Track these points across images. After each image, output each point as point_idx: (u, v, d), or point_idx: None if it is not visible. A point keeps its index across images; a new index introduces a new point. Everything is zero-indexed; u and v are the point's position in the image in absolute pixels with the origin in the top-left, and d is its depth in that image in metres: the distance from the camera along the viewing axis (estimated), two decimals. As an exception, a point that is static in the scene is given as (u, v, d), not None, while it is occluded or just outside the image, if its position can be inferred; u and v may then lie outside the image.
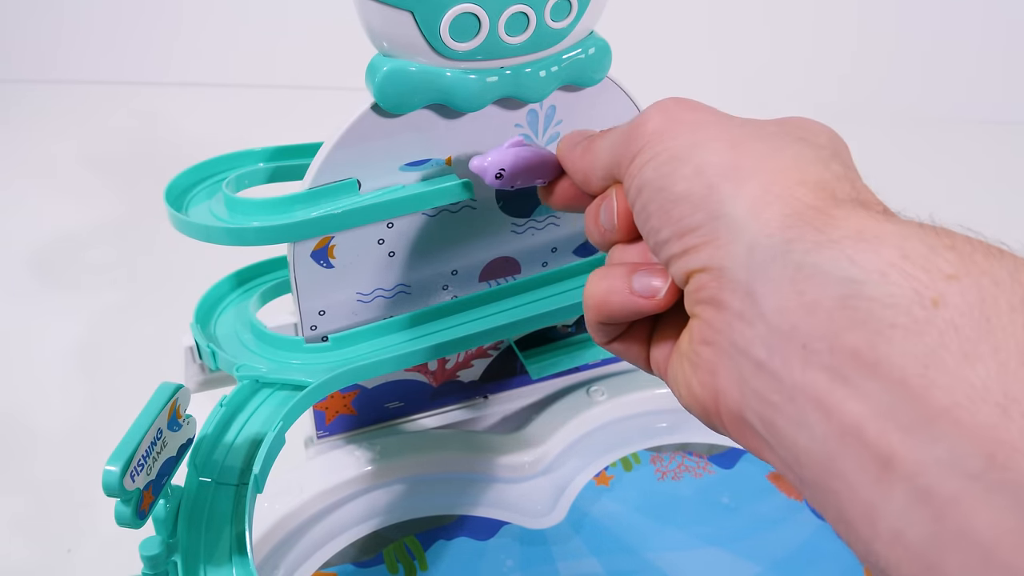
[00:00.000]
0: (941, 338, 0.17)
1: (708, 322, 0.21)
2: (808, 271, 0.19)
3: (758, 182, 0.21)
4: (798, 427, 0.19)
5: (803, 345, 0.18)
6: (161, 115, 0.95)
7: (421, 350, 0.38)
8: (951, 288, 0.17)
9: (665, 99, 0.25)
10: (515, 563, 0.40)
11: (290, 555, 0.40)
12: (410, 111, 0.33)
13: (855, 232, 0.19)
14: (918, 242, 0.18)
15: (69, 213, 0.77)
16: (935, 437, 0.16)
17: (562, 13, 0.32)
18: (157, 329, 0.52)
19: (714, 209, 0.21)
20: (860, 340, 0.17)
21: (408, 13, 0.30)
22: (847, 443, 0.17)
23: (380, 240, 0.37)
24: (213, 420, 0.34)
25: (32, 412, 0.55)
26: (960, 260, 0.17)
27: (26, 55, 1.02)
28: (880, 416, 0.17)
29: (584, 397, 0.47)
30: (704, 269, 0.21)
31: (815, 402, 0.18)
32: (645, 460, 0.46)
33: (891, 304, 0.17)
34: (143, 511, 0.28)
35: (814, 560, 0.40)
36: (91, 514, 0.47)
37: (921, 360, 0.17)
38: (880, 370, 0.17)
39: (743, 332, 0.20)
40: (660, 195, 0.23)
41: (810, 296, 0.18)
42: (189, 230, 0.35)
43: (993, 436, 0.15)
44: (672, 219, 0.22)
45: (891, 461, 0.17)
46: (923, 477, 0.16)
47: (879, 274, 0.18)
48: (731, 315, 0.20)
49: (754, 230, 0.20)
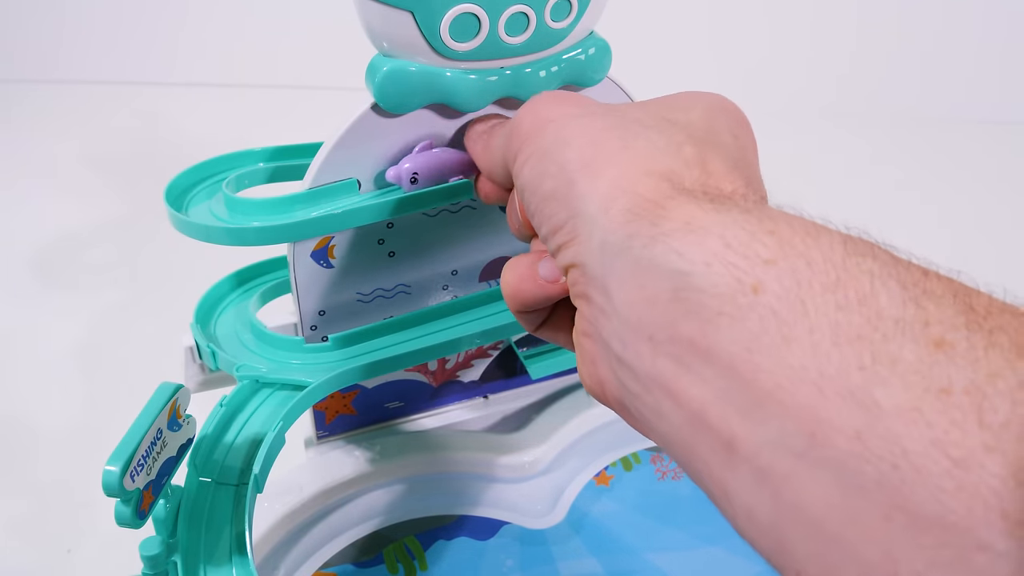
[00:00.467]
0: (762, 323, 0.17)
1: (583, 315, 0.22)
2: (645, 265, 0.19)
3: (608, 176, 0.22)
4: (657, 415, 0.20)
5: (649, 336, 0.19)
6: (162, 115, 0.95)
7: (421, 350, 0.38)
8: (769, 273, 0.18)
9: (537, 96, 0.26)
10: (515, 563, 0.40)
11: (290, 555, 0.40)
12: (410, 111, 0.33)
13: (683, 224, 0.19)
14: (739, 229, 0.19)
15: (70, 213, 0.77)
16: (764, 418, 0.17)
17: (562, 13, 0.32)
18: (157, 329, 0.52)
19: (574, 206, 0.22)
20: (694, 329, 0.18)
21: (408, 13, 0.30)
22: (697, 428, 0.18)
23: (380, 240, 0.37)
24: (213, 420, 0.34)
25: (32, 412, 0.55)
26: (778, 244, 0.18)
27: (27, 55, 1.02)
28: (719, 400, 0.18)
29: (584, 397, 0.47)
30: (573, 265, 0.22)
31: (665, 390, 0.19)
32: (645, 460, 0.46)
33: (716, 294, 0.18)
34: (143, 511, 0.28)
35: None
36: (91, 514, 0.47)
37: (746, 345, 0.17)
38: (713, 357, 0.18)
39: (605, 325, 0.21)
40: (535, 195, 0.24)
41: (649, 289, 0.19)
42: (189, 230, 0.35)
43: (812, 415, 0.16)
44: (545, 217, 0.23)
45: (733, 443, 0.17)
46: (760, 458, 0.17)
47: (704, 264, 0.18)
48: (596, 309, 0.21)
49: (603, 226, 0.21)
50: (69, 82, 1.01)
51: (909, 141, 0.93)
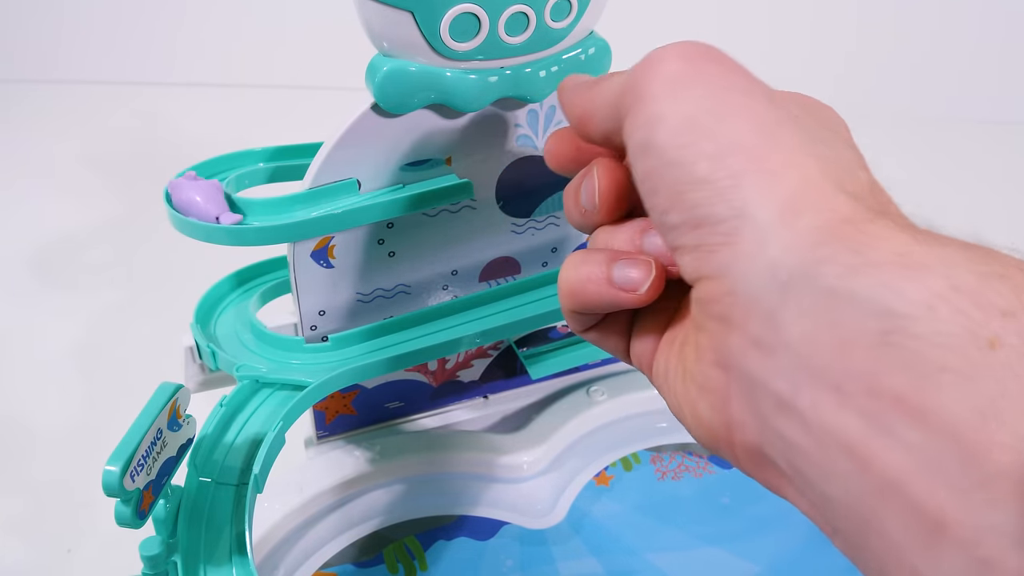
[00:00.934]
0: (1000, 386, 0.14)
1: (719, 342, 0.19)
2: (843, 300, 0.16)
3: (791, 183, 0.18)
4: (828, 476, 0.17)
5: (836, 386, 0.16)
6: (161, 115, 0.95)
7: (421, 350, 0.38)
8: (1008, 327, 0.15)
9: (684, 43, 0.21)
10: (515, 563, 0.40)
11: (290, 555, 0.40)
12: (410, 111, 0.33)
13: (896, 256, 0.16)
14: (966, 271, 0.16)
15: (69, 213, 0.77)
16: (994, 501, 0.14)
17: (562, 13, 0.32)
18: (157, 329, 0.52)
19: (739, 206, 0.18)
20: (905, 384, 0.15)
21: (408, 13, 0.30)
22: (888, 499, 0.15)
23: (380, 240, 0.37)
24: (213, 420, 0.34)
25: (32, 412, 0.55)
26: (1014, 293, 0.15)
27: (27, 55, 1.02)
28: (928, 472, 0.15)
29: (584, 397, 0.47)
30: (718, 277, 0.18)
31: (849, 451, 0.16)
32: (645, 460, 0.46)
33: (941, 344, 0.15)
34: (143, 511, 0.28)
35: (813, 560, 0.40)
36: (91, 514, 0.47)
37: (978, 411, 0.14)
38: (929, 420, 0.15)
39: (761, 362, 0.18)
40: (673, 171, 0.19)
41: (846, 329, 0.16)
42: (189, 230, 0.35)
43: None
44: (687, 204, 0.19)
45: (943, 526, 0.15)
46: (983, 548, 0.14)
47: (926, 308, 0.15)
48: (747, 340, 0.18)
49: (781, 242, 0.17)
50: (69, 82, 1.01)
51: (908, 141, 0.93)
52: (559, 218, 0.41)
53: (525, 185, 0.39)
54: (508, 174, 0.38)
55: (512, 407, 0.47)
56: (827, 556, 0.41)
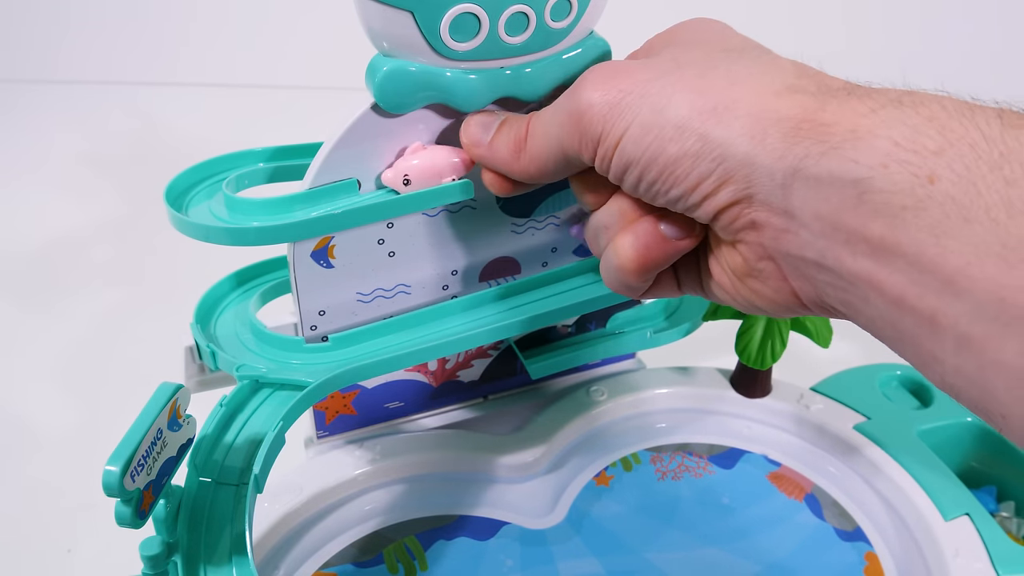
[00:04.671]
0: (943, 209, 0.19)
1: (757, 243, 0.24)
2: (825, 180, 0.21)
3: (739, 114, 0.23)
4: (865, 303, 0.22)
5: (845, 240, 0.21)
6: (161, 115, 0.95)
7: (421, 350, 0.38)
8: (939, 163, 0.20)
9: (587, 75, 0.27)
10: (515, 563, 0.40)
11: (290, 555, 0.40)
12: (410, 111, 0.33)
13: (849, 133, 0.21)
14: (902, 126, 0.21)
15: (69, 213, 0.77)
16: (958, 293, 0.19)
17: (562, 13, 0.32)
18: (157, 329, 0.52)
19: (718, 154, 0.23)
20: (883, 226, 0.20)
21: (408, 13, 0.30)
22: (902, 310, 0.21)
23: (380, 240, 0.37)
24: (213, 420, 0.34)
25: (32, 412, 0.55)
26: (940, 133, 0.20)
27: (26, 55, 1.02)
28: (915, 284, 0.20)
29: (584, 397, 0.47)
30: (732, 203, 0.24)
31: (868, 283, 0.21)
32: (645, 460, 0.46)
33: (897, 191, 0.20)
34: (143, 511, 0.28)
35: (813, 560, 0.40)
36: (91, 514, 0.47)
37: (932, 232, 0.20)
38: (903, 247, 0.20)
39: (793, 242, 0.23)
40: (655, 164, 0.25)
41: (835, 200, 0.21)
42: (189, 230, 0.35)
43: (1000, 283, 0.19)
44: (679, 178, 0.24)
45: (935, 319, 0.20)
46: (959, 326, 0.20)
47: (880, 167, 0.20)
48: (776, 231, 0.23)
49: (764, 158, 0.22)
50: (68, 82, 1.01)
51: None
52: (559, 218, 0.41)
53: (525, 185, 0.39)
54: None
55: (512, 407, 0.47)
56: (826, 556, 0.41)
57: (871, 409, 0.46)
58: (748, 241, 0.25)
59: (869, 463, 0.43)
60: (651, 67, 0.26)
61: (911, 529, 0.40)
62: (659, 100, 0.24)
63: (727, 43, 0.26)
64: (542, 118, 0.29)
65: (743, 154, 0.23)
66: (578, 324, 0.45)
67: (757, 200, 0.23)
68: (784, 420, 0.46)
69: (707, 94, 0.24)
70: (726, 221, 0.25)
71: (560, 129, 0.27)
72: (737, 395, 0.47)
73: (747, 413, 0.47)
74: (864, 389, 0.47)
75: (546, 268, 0.42)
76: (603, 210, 0.29)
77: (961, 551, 0.38)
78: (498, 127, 0.31)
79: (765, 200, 0.23)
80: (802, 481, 0.44)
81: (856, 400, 0.46)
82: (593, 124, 0.26)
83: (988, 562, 0.37)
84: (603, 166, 0.26)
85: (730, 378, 0.48)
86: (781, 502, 0.43)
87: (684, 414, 0.48)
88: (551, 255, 0.42)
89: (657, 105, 0.24)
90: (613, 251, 0.28)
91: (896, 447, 0.43)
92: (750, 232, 0.24)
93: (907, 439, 0.44)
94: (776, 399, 0.47)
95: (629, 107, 0.25)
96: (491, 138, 0.31)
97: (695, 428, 0.47)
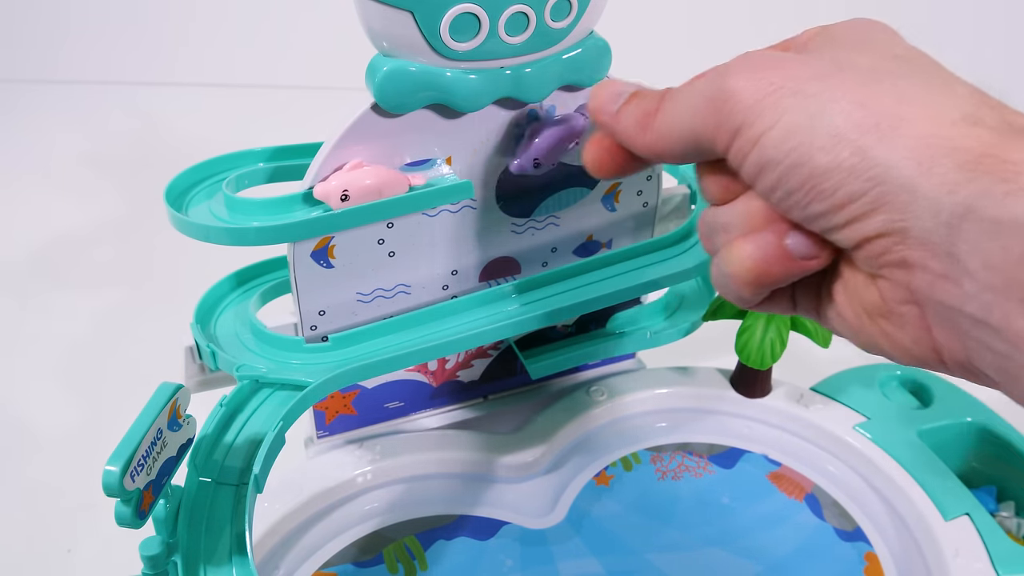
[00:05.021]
0: None
1: (903, 284, 0.21)
2: (1006, 225, 0.19)
3: (906, 135, 0.20)
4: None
5: (1021, 299, 0.19)
6: (161, 115, 0.95)
7: (421, 350, 0.38)
8: None
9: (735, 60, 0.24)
10: (515, 563, 0.40)
11: (290, 555, 0.40)
12: (410, 111, 0.33)
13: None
14: None
15: (69, 213, 0.77)
16: None
17: (562, 13, 0.32)
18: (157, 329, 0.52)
19: (875, 175, 0.21)
20: None
21: (408, 13, 0.30)
22: None
23: (380, 240, 0.37)
24: (213, 420, 0.34)
25: (32, 412, 0.55)
26: None
27: (26, 55, 1.02)
28: None
29: (584, 397, 0.47)
30: (882, 234, 0.21)
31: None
32: (645, 460, 0.46)
33: None
34: (143, 511, 0.28)
35: (813, 560, 0.40)
36: (91, 514, 0.47)
37: None
38: None
39: (950, 291, 0.20)
40: (798, 171, 0.22)
41: (1016, 250, 0.19)
42: (189, 230, 0.35)
43: None
44: (824, 193, 0.21)
45: None
46: None
47: None
48: (931, 276, 0.21)
49: (932, 190, 0.20)
50: (68, 82, 1.01)
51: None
52: (559, 218, 0.41)
53: (525, 185, 0.39)
54: (508, 174, 0.38)
55: (512, 407, 0.47)
56: (826, 556, 0.41)
57: (871, 409, 0.46)
58: (893, 280, 0.22)
59: (869, 463, 0.43)
60: (808, 64, 0.23)
61: (911, 529, 0.40)
62: (814, 103, 0.22)
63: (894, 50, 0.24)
64: (677, 97, 0.26)
65: (906, 179, 0.20)
66: (578, 324, 0.45)
67: (912, 235, 0.20)
68: (784, 420, 0.46)
69: (871, 107, 0.21)
70: (872, 252, 0.22)
71: (695, 112, 0.24)
72: (737, 395, 0.47)
73: (747, 413, 0.47)
74: (864, 389, 0.47)
75: (546, 268, 0.42)
76: (727, 208, 0.25)
77: (961, 551, 0.38)
78: (628, 98, 0.28)
79: (923, 237, 0.20)
80: (802, 481, 0.44)
81: (856, 400, 0.46)
82: (735, 114, 0.23)
83: (988, 562, 0.38)
84: (737, 161, 0.23)
85: (730, 378, 0.48)
86: (781, 502, 0.43)
87: (684, 414, 0.48)
88: (551, 255, 0.42)
89: (811, 108, 0.21)
90: (728, 257, 0.25)
91: (896, 447, 0.43)
92: (898, 270, 0.21)
93: (907, 439, 0.44)
94: (776, 399, 0.47)
95: (778, 103, 0.22)
96: (619, 107, 0.27)
97: (695, 428, 0.47)
